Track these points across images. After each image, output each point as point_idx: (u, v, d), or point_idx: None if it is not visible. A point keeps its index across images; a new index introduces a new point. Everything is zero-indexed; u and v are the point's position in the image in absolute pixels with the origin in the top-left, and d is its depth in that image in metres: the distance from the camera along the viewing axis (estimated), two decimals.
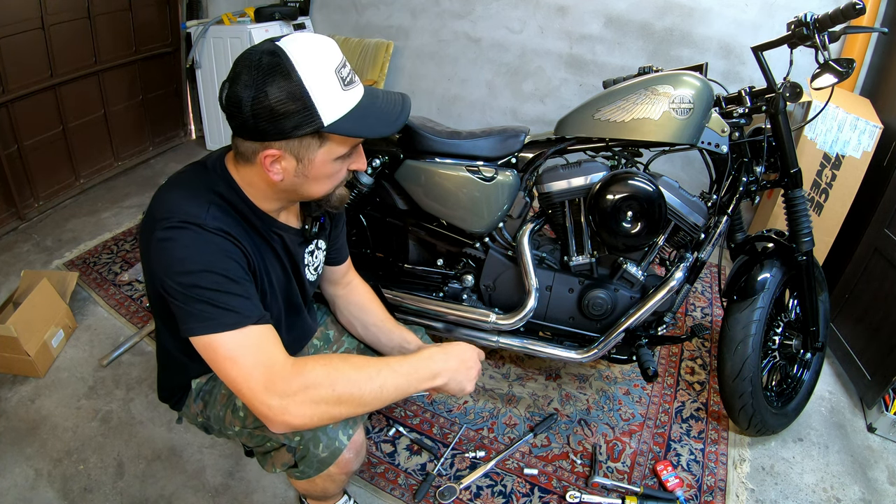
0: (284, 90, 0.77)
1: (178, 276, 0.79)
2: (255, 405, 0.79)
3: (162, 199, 0.84)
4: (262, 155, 0.82)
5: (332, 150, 0.85)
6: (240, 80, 0.77)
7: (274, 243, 0.96)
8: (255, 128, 0.79)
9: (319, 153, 0.84)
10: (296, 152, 0.82)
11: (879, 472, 1.57)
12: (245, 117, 0.78)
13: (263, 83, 0.76)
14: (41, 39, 2.38)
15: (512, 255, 1.55)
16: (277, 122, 0.78)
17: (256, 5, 3.10)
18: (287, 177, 0.85)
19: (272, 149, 0.81)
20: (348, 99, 0.82)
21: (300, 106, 0.78)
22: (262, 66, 0.76)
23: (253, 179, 0.88)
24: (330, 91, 0.80)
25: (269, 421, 0.80)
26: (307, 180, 0.87)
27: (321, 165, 0.85)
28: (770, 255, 1.53)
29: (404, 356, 0.94)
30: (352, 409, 0.84)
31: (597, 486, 1.45)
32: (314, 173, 0.86)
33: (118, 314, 2.00)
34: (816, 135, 2.01)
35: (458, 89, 3.13)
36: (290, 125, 0.78)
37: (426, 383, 0.92)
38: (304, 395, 0.79)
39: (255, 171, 0.86)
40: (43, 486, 1.39)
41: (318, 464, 0.97)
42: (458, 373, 0.96)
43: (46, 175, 2.64)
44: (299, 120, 0.78)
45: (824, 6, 2.06)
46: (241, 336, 0.79)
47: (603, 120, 1.37)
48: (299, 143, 0.81)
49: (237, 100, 0.78)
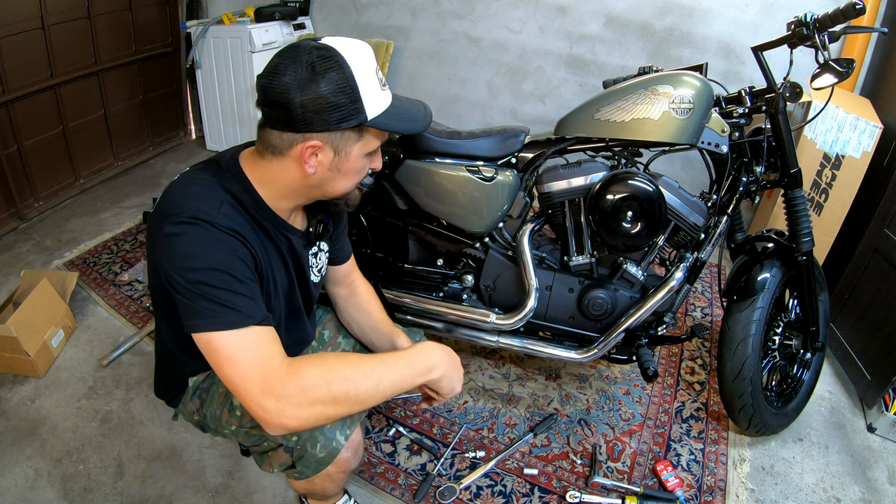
0: (336, 83, 0.79)
1: (185, 271, 0.79)
2: (251, 407, 0.79)
3: (174, 193, 0.84)
4: (304, 146, 0.83)
5: (367, 144, 0.88)
6: (285, 73, 0.79)
7: (281, 245, 0.97)
8: (302, 118, 0.80)
9: (356, 147, 0.87)
10: (335, 144, 0.85)
11: (879, 472, 1.57)
12: (292, 107, 0.79)
13: (315, 74, 0.78)
14: (41, 39, 2.38)
15: (512, 255, 1.55)
16: (326, 113, 0.80)
17: (256, 5, 3.10)
18: (320, 170, 0.87)
19: (314, 140, 0.82)
20: (385, 98, 0.87)
21: (349, 99, 0.81)
22: (314, 59, 0.79)
23: (276, 175, 0.88)
24: (373, 88, 0.84)
25: (265, 424, 0.80)
26: (338, 174, 0.89)
27: (355, 159, 0.88)
28: (770, 255, 1.53)
29: (399, 352, 0.94)
30: (349, 407, 0.84)
31: (597, 486, 1.45)
32: (347, 167, 0.88)
33: (118, 314, 2.00)
34: (816, 135, 2.01)
35: (458, 89, 3.13)
36: (338, 117, 0.81)
37: (421, 377, 0.93)
38: (300, 397, 0.79)
39: (284, 165, 0.86)
40: (43, 486, 1.39)
41: (316, 464, 0.97)
42: (451, 369, 0.97)
43: (46, 175, 2.64)
44: (346, 112, 0.81)
45: (824, 6, 2.06)
46: (242, 336, 0.79)
47: (603, 120, 1.37)
48: (340, 135, 0.84)
49: (284, 89, 0.78)
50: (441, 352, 0.97)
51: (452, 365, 0.98)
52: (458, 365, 1.00)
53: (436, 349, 0.96)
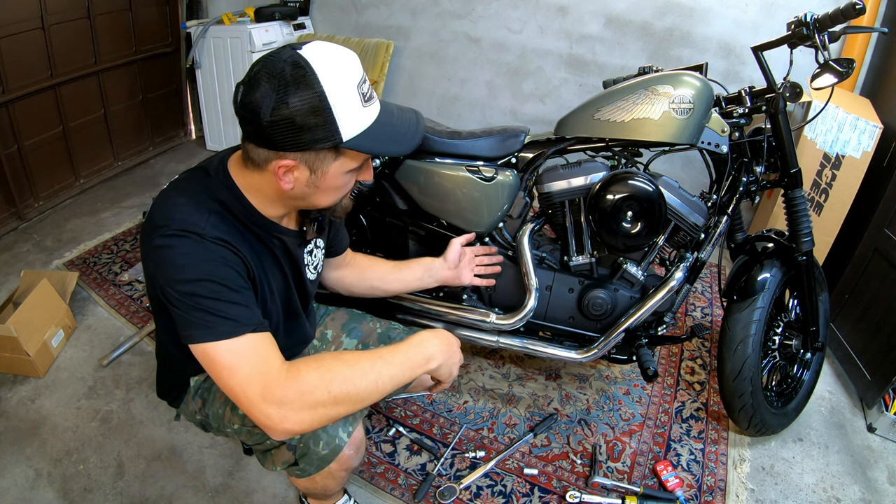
0: (307, 103, 0.75)
1: (177, 283, 0.79)
2: (254, 415, 0.79)
3: (163, 204, 0.84)
4: (276, 164, 0.81)
5: (346, 163, 0.85)
6: (259, 87, 0.76)
7: (274, 248, 0.96)
8: (271, 137, 0.77)
9: (333, 166, 0.84)
10: (311, 164, 0.82)
11: (879, 472, 1.57)
12: (262, 125, 0.76)
13: (286, 93, 0.74)
14: (41, 39, 2.38)
15: (512, 255, 1.55)
16: (296, 134, 0.77)
17: (256, 5, 3.10)
18: (298, 186, 0.85)
19: (287, 159, 0.80)
20: (367, 115, 0.82)
21: (321, 120, 0.77)
22: (286, 75, 0.75)
23: (260, 185, 0.87)
24: (351, 107, 0.79)
25: (269, 430, 0.80)
26: (317, 191, 0.87)
27: (333, 178, 0.86)
28: (770, 255, 1.53)
29: (395, 345, 0.94)
30: (349, 406, 0.84)
31: (597, 486, 1.45)
32: (325, 185, 0.86)
33: (118, 314, 2.00)
34: (816, 135, 2.01)
35: (458, 89, 3.13)
36: (309, 138, 0.78)
37: (420, 369, 0.93)
38: (301, 401, 0.79)
39: (265, 178, 0.85)
40: (43, 486, 1.39)
41: (318, 461, 0.97)
42: (449, 356, 0.98)
43: (46, 175, 2.64)
44: (319, 134, 0.78)
45: (824, 6, 2.06)
46: (238, 344, 0.80)
47: (603, 120, 1.37)
48: (315, 155, 0.81)
49: (255, 106, 0.76)
50: (436, 340, 0.97)
51: (449, 351, 0.98)
52: (455, 349, 1.01)
53: (431, 338, 0.96)
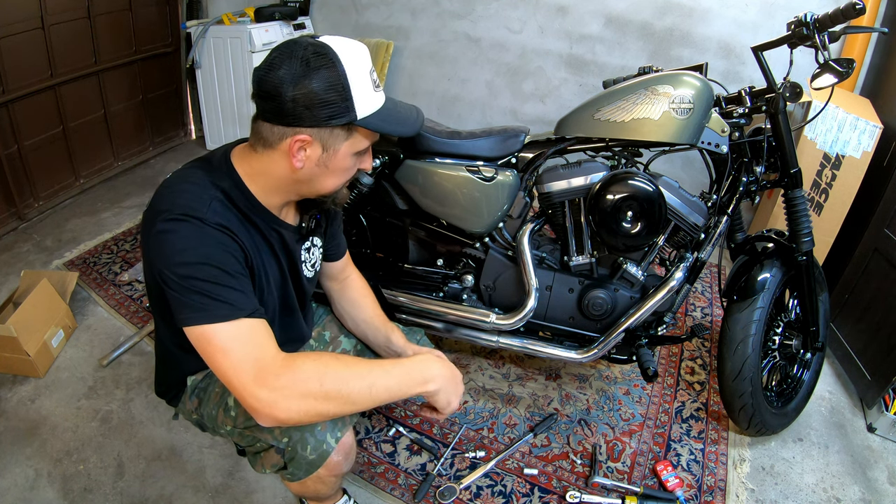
0: (329, 81, 0.81)
1: (176, 266, 0.80)
2: (244, 397, 0.80)
3: (165, 192, 0.86)
4: (292, 140, 0.84)
5: (356, 143, 0.89)
6: (281, 67, 0.80)
7: (272, 240, 0.97)
8: (293, 112, 0.81)
9: (345, 145, 0.88)
10: (324, 141, 0.86)
11: (879, 472, 1.57)
12: (283, 101, 0.80)
13: (309, 70, 0.80)
14: (41, 39, 2.38)
15: (512, 255, 1.55)
16: (316, 109, 0.81)
17: (256, 5, 3.10)
18: (308, 165, 0.87)
19: (303, 134, 0.83)
20: (377, 99, 0.88)
21: (340, 97, 0.82)
22: (308, 55, 0.80)
23: (266, 168, 0.89)
24: (365, 89, 0.85)
25: (256, 413, 0.80)
26: (325, 171, 0.89)
27: (343, 158, 0.89)
28: (770, 255, 1.53)
29: (399, 359, 0.94)
30: (340, 406, 0.84)
31: (597, 486, 1.45)
32: (334, 164, 0.89)
33: (118, 314, 2.00)
34: (816, 135, 2.01)
35: (458, 89, 3.13)
36: (327, 114, 0.82)
37: (417, 388, 0.92)
38: (293, 389, 0.80)
39: (274, 158, 0.87)
40: (43, 486, 1.39)
41: (306, 466, 0.97)
42: (449, 384, 0.97)
43: (46, 175, 2.64)
44: (336, 110, 0.82)
45: (824, 6, 2.06)
46: (234, 328, 0.80)
47: (603, 120, 1.37)
48: (330, 132, 0.85)
49: (277, 82, 0.80)
50: (441, 366, 0.96)
51: (451, 381, 0.97)
52: (457, 382, 1.00)
53: (436, 363, 0.96)
